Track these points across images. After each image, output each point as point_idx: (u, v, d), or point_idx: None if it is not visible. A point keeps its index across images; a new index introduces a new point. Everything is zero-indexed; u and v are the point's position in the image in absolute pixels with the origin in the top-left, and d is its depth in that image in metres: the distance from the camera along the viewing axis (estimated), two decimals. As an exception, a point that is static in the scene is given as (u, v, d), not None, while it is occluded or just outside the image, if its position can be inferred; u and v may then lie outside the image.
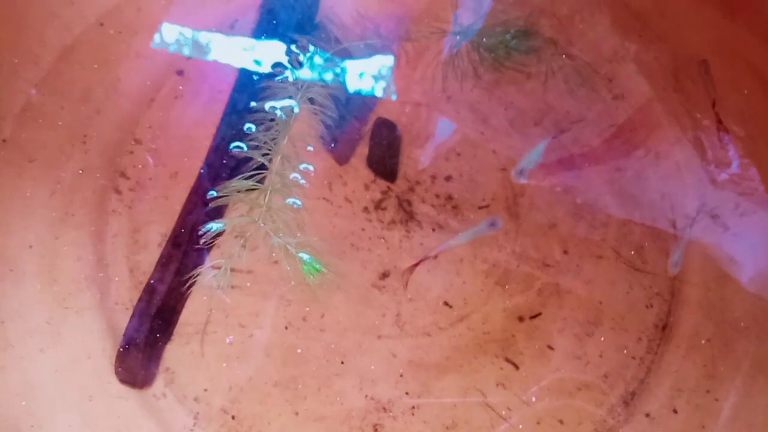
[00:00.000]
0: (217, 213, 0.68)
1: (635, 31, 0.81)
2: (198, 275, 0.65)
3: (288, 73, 0.74)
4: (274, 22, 0.76)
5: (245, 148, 0.70)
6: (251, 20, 0.76)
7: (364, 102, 0.76)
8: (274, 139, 0.69)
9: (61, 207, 0.68)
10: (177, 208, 0.69)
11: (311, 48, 0.75)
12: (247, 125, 0.71)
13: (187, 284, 0.65)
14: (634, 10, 0.82)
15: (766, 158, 0.74)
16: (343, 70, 0.76)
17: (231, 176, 0.69)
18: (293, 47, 0.75)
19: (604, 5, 0.82)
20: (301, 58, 0.75)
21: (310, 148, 0.72)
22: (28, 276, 0.65)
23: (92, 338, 0.64)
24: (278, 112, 0.72)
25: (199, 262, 0.66)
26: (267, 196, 0.66)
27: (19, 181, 0.68)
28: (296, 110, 0.72)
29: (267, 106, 0.72)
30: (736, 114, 0.77)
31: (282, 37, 0.75)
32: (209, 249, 0.67)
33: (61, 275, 0.66)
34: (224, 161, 0.70)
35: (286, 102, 0.72)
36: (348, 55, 0.76)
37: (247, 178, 0.67)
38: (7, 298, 0.64)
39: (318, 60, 0.75)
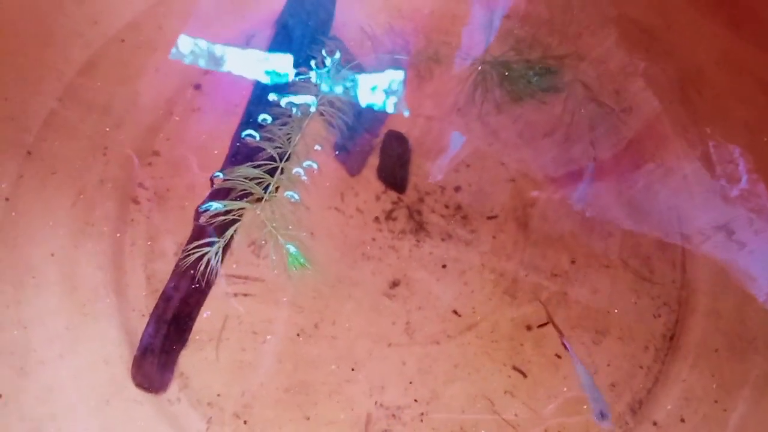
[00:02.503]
0: (222, 195, 0.70)
1: (642, 46, 0.82)
2: (213, 281, 0.67)
3: (312, 74, 0.76)
4: (289, 37, 0.78)
5: (258, 138, 0.72)
6: (267, 35, 0.79)
7: (375, 115, 0.78)
8: (288, 134, 0.71)
9: (81, 217, 0.70)
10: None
11: (326, 62, 0.77)
12: (263, 117, 0.73)
13: (202, 292, 0.67)
14: (641, 25, 0.83)
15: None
16: (356, 84, 0.78)
17: (241, 163, 0.71)
18: (309, 60, 0.77)
19: (611, 21, 0.83)
20: (317, 65, 0.77)
21: (317, 148, 0.73)
22: (49, 284, 0.68)
23: (110, 344, 0.66)
24: (294, 110, 0.74)
25: (214, 271, 0.68)
26: (270, 186, 0.68)
27: (43, 192, 0.70)
28: (312, 109, 0.74)
29: (284, 102, 0.74)
30: (742, 126, 0.78)
31: (296, 52, 0.77)
32: (223, 258, 0.69)
33: (81, 283, 0.68)
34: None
35: (304, 99, 0.74)
36: (360, 69, 0.78)
37: (255, 167, 0.69)
38: (30, 305, 0.67)
39: (333, 73, 0.77)
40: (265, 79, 0.76)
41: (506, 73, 0.76)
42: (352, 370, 0.67)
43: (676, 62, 0.81)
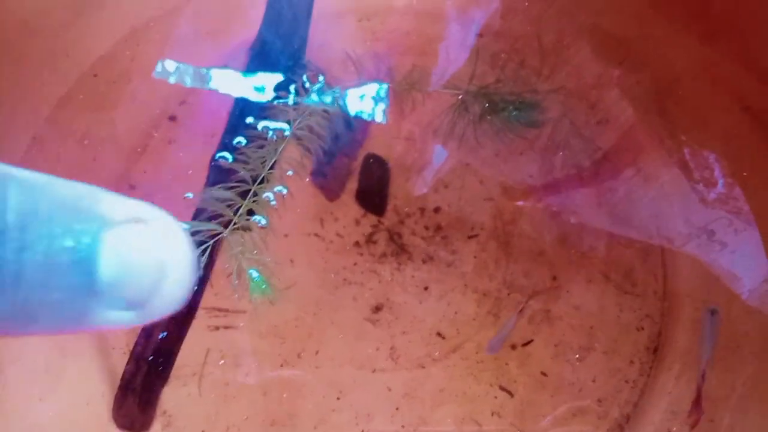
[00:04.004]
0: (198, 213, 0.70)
1: (618, 56, 0.83)
2: (194, 317, 0.67)
3: (290, 97, 0.76)
4: (264, 61, 0.78)
5: (230, 160, 0.71)
6: (241, 63, 0.79)
7: (353, 138, 0.78)
8: (263, 158, 0.71)
9: (58, 255, 0.69)
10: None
11: (305, 86, 0.77)
12: (238, 139, 0.73)
13: (183, 326, 0.66)
14: (616, 36, 0.84)
15: (748, 178, 0.75)
16: (334, 107, 0.78)
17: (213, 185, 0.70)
18: (289, 84, 0.77)
19: (587, 32, 0.84)
20: (296, 89, 0.77)
21: (290, 173, 0.73)
22: (27, 324, 0.67)
23: (91, 384, 0.66)
24: (270, 133, 0.73)
25: (194, 304, 0.68)
26: (241, 209, 0.67)
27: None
28: (288, 133, 0.73)
29: (260, 125, 0.74)
30: (719, 135, 0.78)
31: (272, 76, 0.77)
32: (203, 290, 0.69)
33: (60, 322, 0.67)
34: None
35: (281, 123, 0.73)
36: (339, 93, 0.78)
37: (227, 189, 0.68)
38: (7, 347, 0.66)
39: (311, 97, 0.77)
40: (241, 103, 0.76)
41: (487, 105, 0.76)
42: (338, 399, 0.67)
43: (652, 73, 0.82)
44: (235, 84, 0.77)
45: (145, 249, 0.25)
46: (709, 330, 0.68)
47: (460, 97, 0.78)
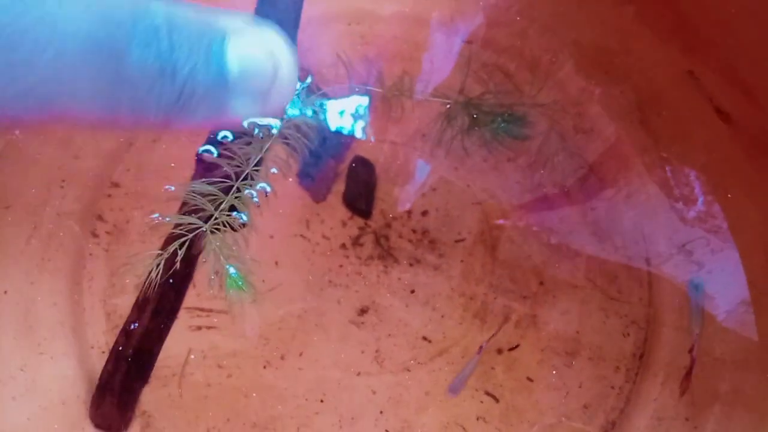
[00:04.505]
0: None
1: (601, 69, 0.84)
2: (175, 317, 0.65)
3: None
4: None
5: (215, 154, 0.70)
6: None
7: (340, 140, 0.77)
8: (248, 154, 0.70)
9: (37, 253, 0.68)
10: (154, 250, 0.69)
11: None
12: (224, 134, 0.72)
13: (164, 326, 0.65)
14: (599, 49, 0.85)
15: (728, 190, 0.76)
16: (324, 109, 0.77)
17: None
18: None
19: (569, 46, 0.85)
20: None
21: (274, 171, 0.72)
22: (2, 323, 0.65)
23: (67, 384, 0.64)
24: (257, 131, 0.73)
25: (176, 305, 0.66)
26: (223, 204, 0.66)
27: (-5, 227, 0.68)
28: (275, 131, 0.72)
29: (247, 122, 0.72)
30: (700, 148, 0.79)
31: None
32: (185, 291, 0.67)
33: (37, 321, 0.66)
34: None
35: (268, 121, 0.72)
36: (324, 95, 0.78)
37: (209, 183, 0.67)
38: (-19, 345, 0.64)
39: (301, 98, 0.76)
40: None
41: (475, 116, 0.77)
42: (321, 401, 0.65)
43: (635, 86, 0.82)
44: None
45: (261, 49, 0.32)
46: (695, 303, 0.68)
47: (447, 106, 0.78)
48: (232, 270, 0.65)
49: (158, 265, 0.63)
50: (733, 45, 0.77)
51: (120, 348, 0.64)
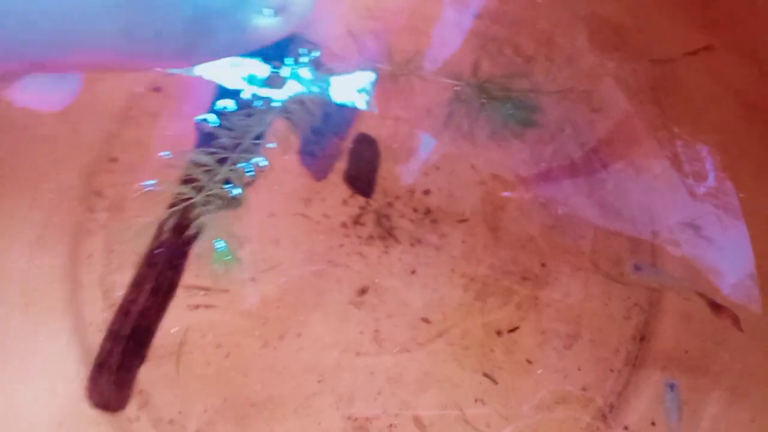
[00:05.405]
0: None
1: (614, 45, 0.82)
2: (173, 295, 0.65)
3: (284, 69, 0.73)
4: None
5: (214, 124, 0.69)
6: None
7: (343, 118, 0.76)
8: (248, 126, 0.69)
9: (34, 229, 0.67)
10: (152, 227, 0.68)
11: (301, 59, 0.75)
12: (224, 103, 0.70)
13: (162, 304, 0.65)
14: (612, 24, 0.82)
15: (740, 171, 0.75)
16: (325, 85, 0.76)
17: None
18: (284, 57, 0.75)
19: (582, 20, 0.83)
20: (284, 72, 0.74)
21: (272, 145, 0.71)
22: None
23: (66, 362, 0.64)
24: (260, 103, 0.71)
25: (174, 282, 0.66)
26: (215, 177, 0.65)
27: (-8, 202, 0.67)
28: (278, 104, 0.71)
29: (249, 93, 0.71)
30: (713, 126, 0.78)
31: (264, 57, 0.75)
32: (183, 269, 0.67)
33: (34, 299, 0.65)
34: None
35: (272, 93, 0.71)
36: (329, 71, 0.76)
37: (206, 154, 0.66)
38: (-22, 322, 0.64)
39: (306, 72, 0.75)
40: (233, 84, 0.74)
41: (483, 101, 0.74)
42: (319, 382, 0.65)
43: (648, 62, 0.81)
44: (219, 70, 0.75)
45: None
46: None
47: (456, 88, 0.76)
48: (221, 243, 0.64)
49: (153, 236, 0.63)
50: (753, 24, 0.75)
51: (117, 326, 0.64)
